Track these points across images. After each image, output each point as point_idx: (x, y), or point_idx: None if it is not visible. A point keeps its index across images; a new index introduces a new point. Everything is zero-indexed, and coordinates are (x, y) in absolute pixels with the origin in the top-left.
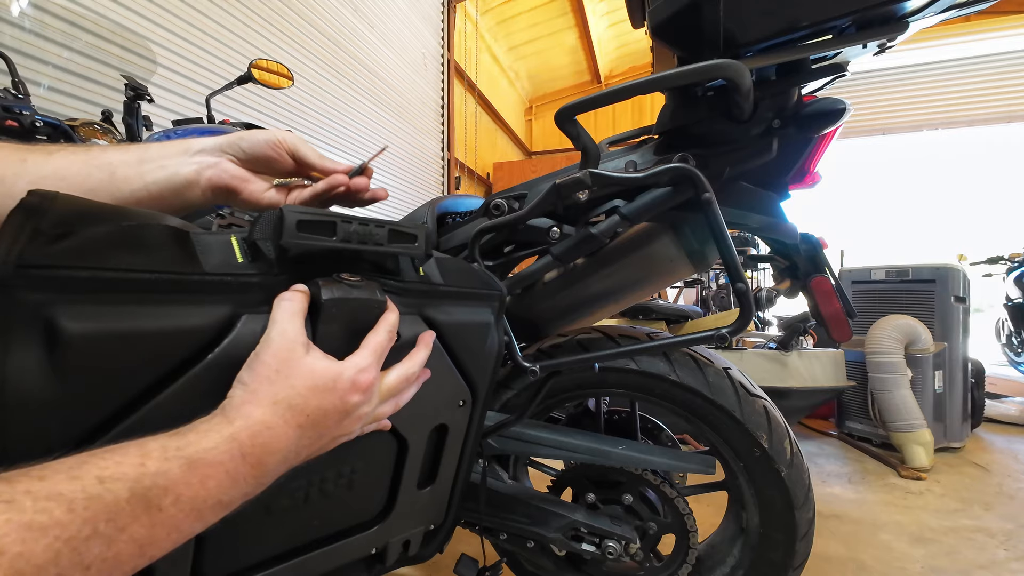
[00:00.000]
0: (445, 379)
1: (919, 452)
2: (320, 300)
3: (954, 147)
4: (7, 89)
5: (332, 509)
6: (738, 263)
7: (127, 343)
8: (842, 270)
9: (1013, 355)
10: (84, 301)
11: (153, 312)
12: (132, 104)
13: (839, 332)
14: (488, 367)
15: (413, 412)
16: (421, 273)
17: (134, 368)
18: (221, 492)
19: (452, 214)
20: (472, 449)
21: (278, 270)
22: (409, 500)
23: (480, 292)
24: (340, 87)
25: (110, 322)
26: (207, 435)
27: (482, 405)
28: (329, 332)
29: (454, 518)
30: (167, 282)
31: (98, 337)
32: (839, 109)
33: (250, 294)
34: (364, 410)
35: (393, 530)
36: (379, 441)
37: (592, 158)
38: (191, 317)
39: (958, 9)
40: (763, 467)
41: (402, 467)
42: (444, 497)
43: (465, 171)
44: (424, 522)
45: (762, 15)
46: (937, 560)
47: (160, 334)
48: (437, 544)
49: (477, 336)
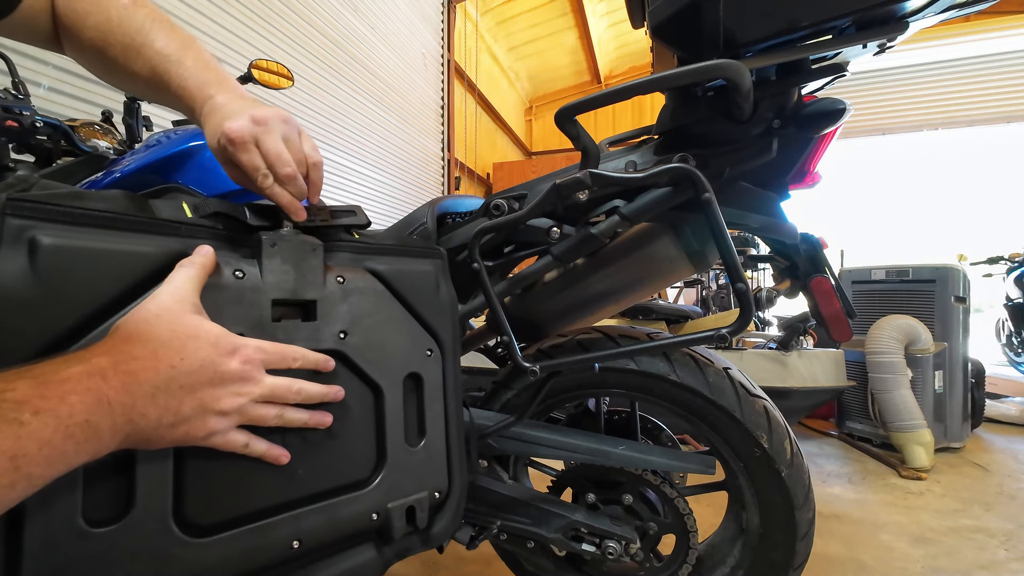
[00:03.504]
0: (402, 323)
1: (919, 452)
2: (260, 238)
3: (954, 147)
4: (7, 89)
5: (318, 458)
6: (738, 263)
7: (90, 257)
8: (842, 270)
9: (1013, 355)
10: (58, 226)
11: (113, 238)
12: (132, 104)
13: (839, 332)
14: (447, 317)
15: (378, 355)
16: (356, 237)
17: (95, 280)
18: (87, 411)
19: (452, 214)
20: (456, 406)
21: (223, 226)
22: (401, 457)
23: (418, 248)
24: (340, 87)
25: (77, 240)
26: (68, 359)
27: (452, 357)
28: (273, 267)
29: (460, 489)
30: (124, 220)
31: (67, 249)
32: (839, 109)
33: (200, 240)
34: (240, 389)
35: (391, 491)
36: (352, 385)
37: (592, 158)
38: (143, 245)
39: (958, 9)
40: (763, 467)
41: (383, 416)
42: (440, 458)
43: (465, 171)
44: (425, 486)
45: (762, 15)
46: (937, 560)
47: (117, 254)
48: (447, 520)
49: (424, 283)
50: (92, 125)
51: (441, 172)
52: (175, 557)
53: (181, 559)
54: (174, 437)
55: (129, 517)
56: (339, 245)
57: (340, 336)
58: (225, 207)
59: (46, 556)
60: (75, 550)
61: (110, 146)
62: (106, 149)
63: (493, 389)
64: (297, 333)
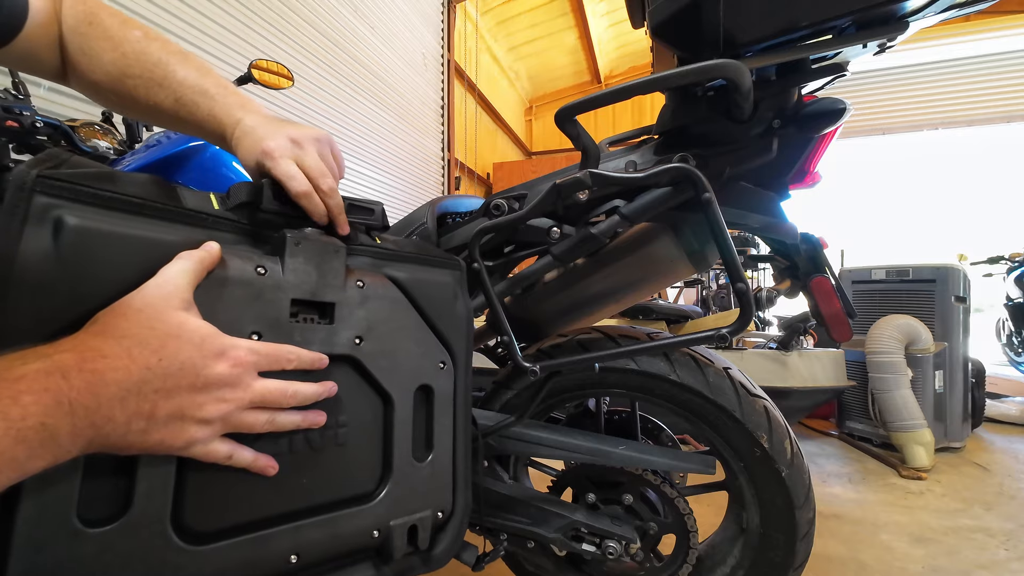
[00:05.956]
0: (417, 333)
1: (919, 452)
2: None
3: (954, 147)
4: (7, 90)
5: (323, 468)
6: (738, 263)
7: (114, 241)
8: (842, 270)
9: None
10: (85, 208)
11: (139, 224)
12: None
13: (839, 332)
14: (462, 330)
15: (392, 364)
16: (378, 242)
17: (117, 266)
18: (43, 413)
19: (452, 214)
20: (465, 422)
21: (248, 221)
22: (407, 473)
23: (438, 259)
24: (340, 87)
25: (102, 224)
26: (26, 354)
27: (464, 371)
28: (295, 266)
29: (463, 509)
30: (152, 208)
31: (92, 232)
32: (839, 109)
33: (226, 233)
34: (226, 395)
35: (394, 507)
36: (362, 393)
37: (592, 158)
38: (168, 234)
39: (958, 9)
40: (763, 467)
41: (391, 428)
42: (446, 477)
43: (465, 171)
44: (429, 505)
45: (762, 15)
46: (938, 560)
47: (141, 240)
48: (448, 542)
49: (442, 294)
50: (92, 125)
51: (441, 172)
52: (170, 564)
53: (176, 567)
54: (147, 445)
55: (126, 518)
56: (360, 249)
57: (356, 342)
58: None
59: (36, 555)
60: (67, 550)
61: (110, 146)
62: (106, 149)
63: (493, 389)
64: (314, 335)
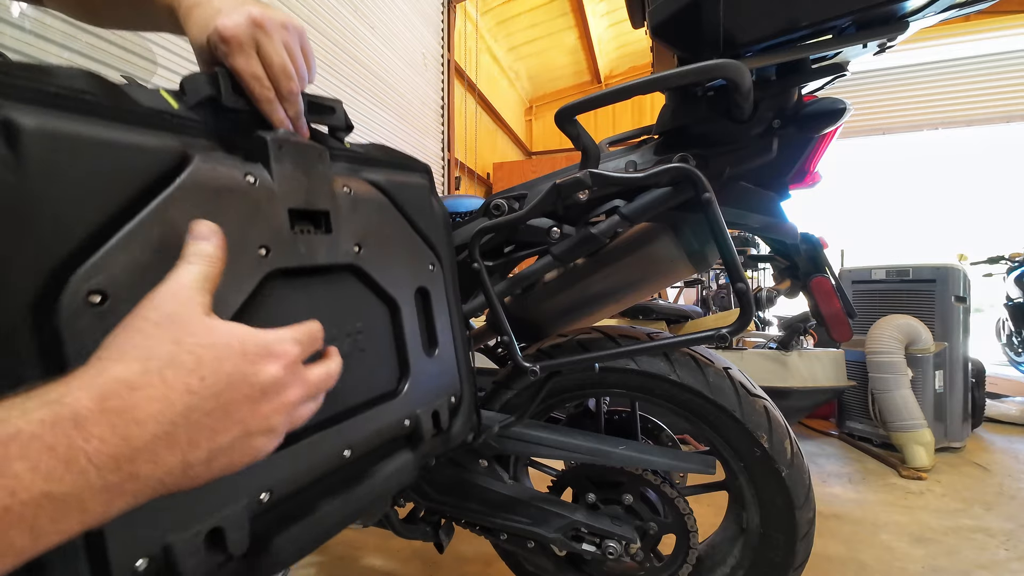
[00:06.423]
0: (408, 239)
1: (919, 452)
2: (266, 139)
3: (954, 147)
4: None
5: (353, 373)
6: (738, 263)
7: (81, 148)
8: (842, 270)
9: (1013, 355)
10: (37, 107)
11: (103, 128)
12: None
13: (839, 332)
14: (441, 231)
15: (391, 270)
16: (347, 145)
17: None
18: (46, 480)
19: (452, 214)
20: (459, 318)
21: (213, 121)
22: (421, 367)
23: (408, 161)
24: (340, 87)
25: (63, 125)
26: (30, 401)
27: (451, 271)
28: (283, 173)
29: (471, 393)
30: (107, 107)
31: (53, 135)
32: (839, 109)
33: (196, 138)
34: (287, 396)
35: (417, 398)
36: (371, 304)
37: (592, 158)
38: (138, 137)
39: (958, 9)
40: (763, 467)
41: (401, 330)
42: (452, 365)
43: (465, 171)
44: (444, 392)
45: (762, 15)
46: (938, 560)
47: (114, 146)
48: (462, 422)
49: (420, 197)
50: None
51: (441, 172)
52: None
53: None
54: (214, 474)
55: None
56: (335, 153)
57: (356, 250)
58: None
59: None
60: None
61: None
62: None
63: (493, 389)
64: (318, 246)
